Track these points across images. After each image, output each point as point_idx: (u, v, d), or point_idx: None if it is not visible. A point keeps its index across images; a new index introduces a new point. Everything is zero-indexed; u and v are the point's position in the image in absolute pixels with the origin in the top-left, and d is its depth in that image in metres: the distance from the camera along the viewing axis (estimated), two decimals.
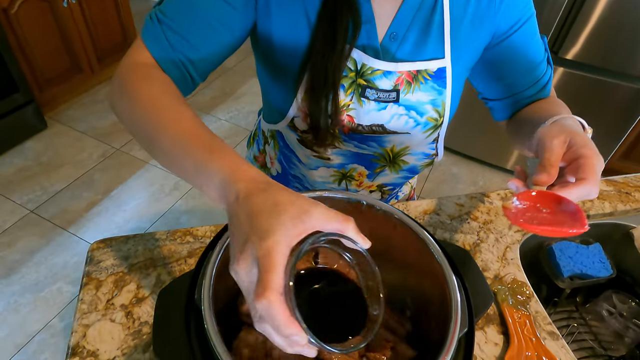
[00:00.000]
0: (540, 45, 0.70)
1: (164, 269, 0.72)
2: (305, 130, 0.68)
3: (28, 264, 1.77)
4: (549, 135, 0.51)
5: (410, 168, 0.77)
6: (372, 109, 0.64)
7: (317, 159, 0.74)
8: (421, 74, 0.64)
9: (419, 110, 0.66)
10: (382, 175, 0.77)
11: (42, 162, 2.21)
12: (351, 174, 0.76)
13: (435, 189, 2.28)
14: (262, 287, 0.31)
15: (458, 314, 0.41)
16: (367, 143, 0.69)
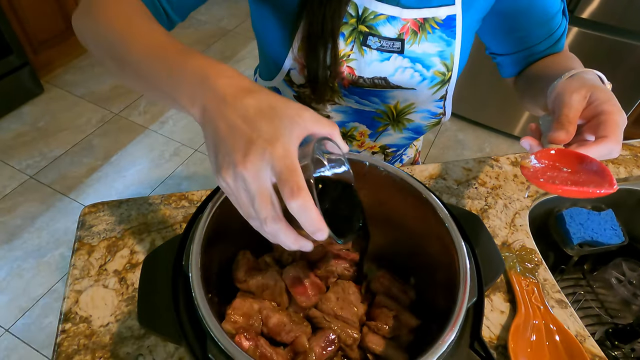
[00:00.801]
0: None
1: (159, 234, 0.69)
2: (303, 84, 0.63)
3: (30, 230, 1.76)
4: (568, 90, 0.47)
5: (415, 127, 0.72)
6: (374, 60, 0.59)
7: None
8: (428, 22, 0.59)
9: (426, 63, 0.61)
10: (385, 135, 0.73)
11: (39, 127, 2.17)
12: (352, 134, 0.72)
13: (440, 155, 2.23)
14: (294, 187, 0.30)
15: (467, 283, 0.38)
16: (369, 98, 0.65)
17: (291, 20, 0.57)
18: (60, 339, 0.57)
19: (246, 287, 0.48)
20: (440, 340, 0.35)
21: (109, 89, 2.41)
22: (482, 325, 0.38)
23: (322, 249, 0.53)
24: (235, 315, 0.45)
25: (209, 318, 0.35)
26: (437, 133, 2.34)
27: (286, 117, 0.33)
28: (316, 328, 0.48)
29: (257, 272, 0.50)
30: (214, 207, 0.42)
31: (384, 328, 0.47)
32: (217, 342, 0.34)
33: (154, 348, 0.57)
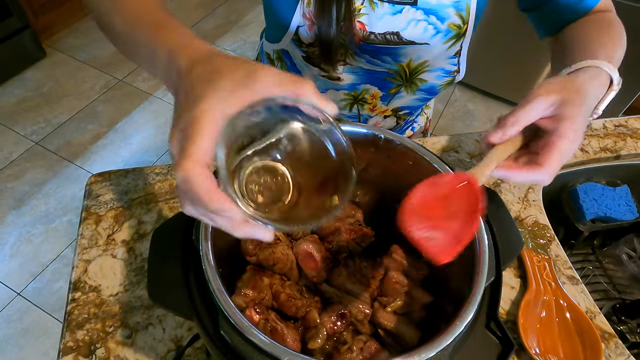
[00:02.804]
0: None
1: (166, 205, 0.69)
2: (312, 43, 0.60)
3: (37, 196, 1.77)
4: (540, 90, 0.41)
5: (428, 88, 0.69)
6: (385, 12, 0.56)
7: (326, 80, 0.67)
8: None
9: (440, 14, 0.57)
10: (397, 97, 0.70)
11: (43, 93, 2.14)
12: (363, 97, 0.69)
13: (449, 125, 2.19)
14: (180, 157, 0.27)
15: (485, 261, 0.37)
16: (381, 57, 0.61)
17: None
18: (71, 307, 0.57)
19: (256, 260, 0.48)
20: (457, 319, 0.34)
21: (111, 54, 2.36)
22: (499, 305, 0.37)
23: (333, 224, 0.52)
24: (246, 289, 0.45)
25: (220, 294, 0.34)
26: (446, 103, 2.29)
27: (227, 80, 0.29)
28: (327, 303, 0.48)
29: (267, 245, 0.49)
30: None
31: (396, 304, 0.46)
32: (229, 318, 0.33)
33: (164, 318, 0.57)
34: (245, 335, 0.32)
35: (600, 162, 0.85)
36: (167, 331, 0.56)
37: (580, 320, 0.60)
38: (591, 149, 0.85)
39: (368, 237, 0.51)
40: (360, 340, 0.44)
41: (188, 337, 0.55)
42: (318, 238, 0.52)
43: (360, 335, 0.46)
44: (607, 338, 0.60)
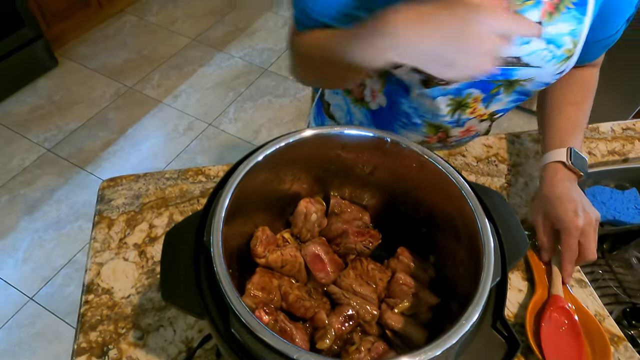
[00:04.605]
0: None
1: (176, 209, 0.70)
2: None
3: (49, 202, 1.80)
4: (532, 214, 0.66)
5: (524, 90, 0.71)
6: (515, 44, 0.59)
7: (434, 88, 0.68)
8: (563, 3, 0.57)
9: (558, 42, 0.60)
10: (496, 100, 0.71)
11: (55, 101, 2.18)
12: (466, 102, 0.71)
13: None
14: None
15: (491, 262, 0.38)
16: (496, 77, 0.64)
17: None
18: (84, 309, 0.59)
19: (265, 262, 0.49)
20: (462, 319, 0.35)
21: (121, 62, 2.40)
22: (505, 305, 0.37)
23: (341, 226, 0.52)
24: (255, 290, 0.46)
25: (231, 293, 0.35)
26: None
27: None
28: (335, 304, 0.48)
29: (276, 248, 0.50)
30: (234, 183, 0.42)
31: (403, 305, 0.47)
32: (240, 317, 0.34)
33: (175, 320, 0.58)
34: (257, 333, 0.33)
35: (608, 166, 0.85)
36: (177, 333, 0.57)
37: (589, 323, 0.60)
38: (599, 152, 0.85)
39: (375, 239, 0.52)
40: (368, 340, 0.44)
41: (198, 338, 0.56)
42: (326, 240, 0.53)
43: (368, 336, 0.46)
44: (616, 341, 0.60)
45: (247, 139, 2.09)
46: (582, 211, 0.59)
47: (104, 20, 2.63)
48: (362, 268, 0.50)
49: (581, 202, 0.60)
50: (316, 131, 0.47)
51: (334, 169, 0.53)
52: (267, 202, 0.51)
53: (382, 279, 0.50)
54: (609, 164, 0.85)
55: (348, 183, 0.55)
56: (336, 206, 0.55)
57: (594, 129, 0.89)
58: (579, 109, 0.71)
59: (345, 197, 0.57)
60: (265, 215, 0.52)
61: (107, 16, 2.64)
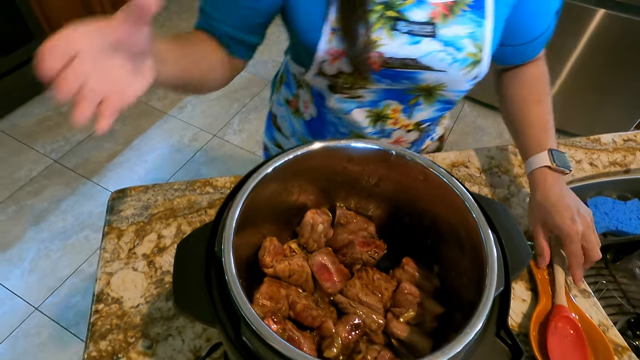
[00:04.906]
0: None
1: (184, 220, 0.71)
2: (334, 75, 0.64)
3: (55, 213, 1.81)
4: (531, 222, 0.67)
5: (446, 100, 0.72)
6: (404, 43, 0.59)
7: (349, 101, 0.70)
8: (458, 5, 0.58)
9: (457, 45, 0.60)
10: (418, 110, 0.72)
11: (62, 112, 2.21)
12: (385, 113, 0.72)
13: (459, 140, 2.21)
14: None
15: (494, 272, 0.39)
16: (400, 81, 0.64)
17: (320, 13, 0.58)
18: (94, 318, 0.60)
19: (273, 272, 0.50)
20: (466, 328, 0.36)
21: None
22: (508, 314, 0.38)
23: (347, 236, 0.53)
24: (263, 299, 0.47)
25: (242, 302, 0.36)
26: (455, 119, 2.31)
27: None
28: (341, 313, 0.49)
29: (283, 258, 0.51)
30: (244, 194, 0.43)
31: (409, 314, 0.48)
32: (251, 324, 0.35)
33: (183, 329, 0.59)
34: (267, 341, 0.34)
35: (610, 176, 0.86)
36: (186, 342, 0.58)
37: (593, 333, 0.60)
38: (600, 163, 0.86)
39: (381, 249, 0.53)
40: (374, 349, 0.45)
41: (206, 347, 0.57)
42: (332, 250, 0.54)
43: (374, 345, 0.47)
44: (620, 351, 0.60)
45: (251, 150, 2.11)
46: (578, 215, 0.60)
47: None
48: (367, 278, 0.51)
49: (575, 206, 0.61)
50: (324, 144, 0.48)
51: (340, 180, 0.54)
52: (274, 213, 0.52)
53: (387, 289, 0.51)
54: (611, 174, 0.86)
55: (354, 194, 0.57)
56: (342, 217, 0.56)
57: (596, 140, 0.90)
58: (542, 106, 0.72)
59: (351, 208, 0.58)
60: (272, 225, 0.54)
61: None
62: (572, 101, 2.13)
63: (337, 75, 0.64)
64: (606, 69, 1.96)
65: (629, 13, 1.75)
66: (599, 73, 1.98)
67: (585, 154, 0.87)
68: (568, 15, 1.87)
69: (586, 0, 1.80)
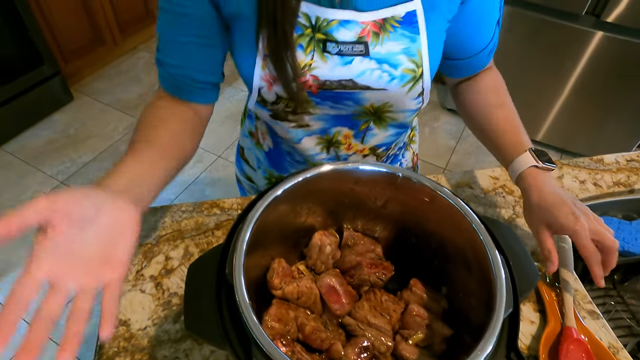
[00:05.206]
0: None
1: (192, 241, 0.72)
2: (274, 102, 0.63)
3: None
4: (533, 226, 0.63)
5: (398, 124, 0.71)
6: (337, 64, 0.59)
7: (297, 129, 0.69)
8: (388, 22, 0.57)
9: (392, 62, 0.59)
10: (370, 135, 0.71)
11: (69, 134, 2.25)
12: (337, 139, 0.71)
13: (462, 161, 2.22)
14: None
15: (503, 294, 0.39)
16: (342, 102, 0.64)
17: (252, 41, 0.58)
18: (102, 341, 0.60)
19: (281, 294, 0.50)
20: (476, 350, 0.36)
21: (135, 97, 2.48)
22: (518, 336, 0.38)
23: (355, 258, 0.54)
24: (272, 321, 0.47)
25: (253, 324, 0.36)
26: (458, 139, 2.33)
27: None
28: (350, 336, 0.49)
29: (291, 279, 0.51)
30: (254, 217, 0.44)
31: (417, 336, 0.48)
32: (262, 347, 0.35)
33: (190, 352, 0.59)
34: None
35: (614, 197, 0.86)
36: None
37: (603, 356, 0.60)
38: (604, 183, 0.86)
39: (389, 271, 0.53)
40: None
41: None
42: (340, 272, 0.54)
43: None
44: None
45: None
46: (578, 210, 0.58)
47: (119, 57, 2.73)
48: (375, 299, 0.51)
49: (571, 200, 0.59)
50: (333, 167, 0.49)
51: (347, 202, 0.55)
52: (283, 234, 0.53)
53: (395, 311, 0.51)
54: (615, 194, 0.86)
55: (360, 216, 0.57)
56: (349, 238, 0.57)
57: (599, 160, 0.91)
58: (507, 109, 0.71)
59: (358, 229, 0.59)
60: (280, 247, 0.54)
61: (121, 53, 2.74)
62: (574, 121, 2.15)
63: (277, 101, 0.63)
64: (607, 89, 1.98)
65: (627, 35, 1.79)
66: (600, 93, 2.00)
67: (589, 174, 0.88)
68: (566, 38, 1.90)
69: (584, 23, 1.84)
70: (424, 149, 2.27)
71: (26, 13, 2.01)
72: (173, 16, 0.58)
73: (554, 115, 2.18)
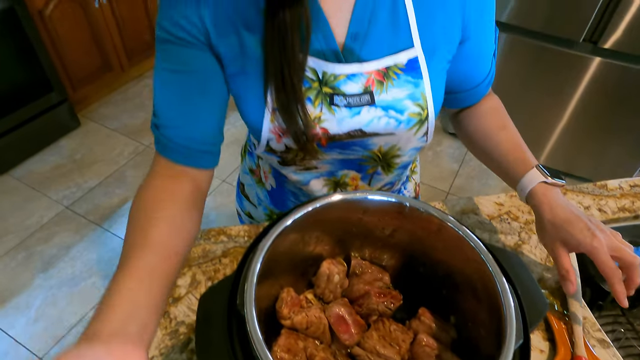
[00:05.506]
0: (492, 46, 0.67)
1: (199, 269, 0.72)
2: (284, 151, 0.64)
3: (64, 259, 1.82)
4: (547, 245, 0.61)
5: (404, 164, 0.72)
6: (345, 116, 0.60)
7: (305, 173, 0.70)
8: (391, 70, 0.58)
9: (398, 108, 0.60)
10: (376, 178, 0.73)
11: (76, 160, 2.27)
12: (344, 181, 0.72)
13: (465, 184, 2.23)
14: None
15: (513, 325, 0.39)
16: (351, 148, 0.65)
17: (259, 95, 0.59)
18: None
19: (290, 324, 0.50)
20: None
21: (141, 122, 2.52)
22: None
23: (363, 287, 0.54)
24: (281, 352, 0.47)
25: (264, 355, 0.36)
26: (461, 163, 2.34)
27: None
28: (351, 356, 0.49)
29: (300, 309, 0.51)
30: (265, 247, 0.44)
31: None
32: None
33: None
34: None
35: (620, 222, 0.86)
36: None
37: None
38: (609, 209, 0.87)
39: (397, 300, 0.53)
40: None
41: None
42: (348, 301, 0.54)
43: None
44: None
45: None
46: (593, 225, 0.56)
47: (125, 83, 2.79)
48: (384, 329, 0.51)
49: (585, 216, 0.58)
50: (342, 196, 0.50)
51: (355, 231, 0.55)
52: (292, 263, 0.53)
53: (404, 340, 0.50)
54: (621, 220, 0.86)
55: (368, 244, 0.58)
56: (357, 267, 0.57)
57: (603, 186, 0.92)
58: (509, 130, 0.71)
59: (366, 257, 0.59)
60: (289, 276, 0.55)
61: (128, 79, 2.80)
62: (577, 144, 2.16)
63: (286, 151, 0.64)
64: (608, 113, 2.00)
65: (625, 61, 1.82)
66: (601, 117, 2.02)
67: (594, 200, 0.88)
68: (565, 64, 1.94)
69: (581, 50, 1.87)
70: (427, 172, 2.28)
71: (38, 43, 2.07)
72: (174, 75, 0.57)
73: (556, 138, 2.20)
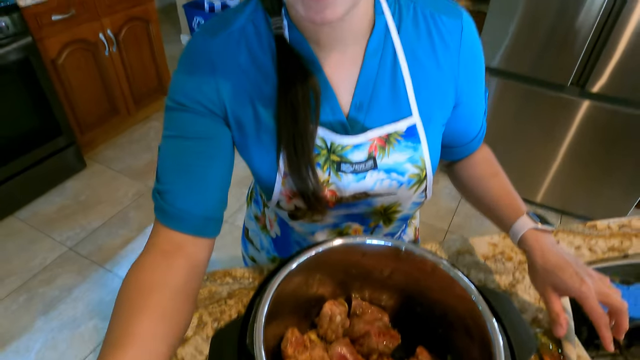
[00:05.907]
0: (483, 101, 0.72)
1: (205, 310, 0.75)
2: (293, 210, 0.69)
3: (66, 301, 1.82)
4: (539, 288, 0.63)
5: (403, 217, 0.77)
6: (351, 181, 0.65)
7: (311, 224, 0.75)
8: (392, 136, 0.63)
9: (399, 170, 0.65)
10: (378, 230, 0.78)
11: (80, 201, 2.32)
12: (347, 232, 0.77)
13: (463, 223, 2.26)
14: None
15: None
16: (355, 206, 0.70)
17: (272, 160, 0.64)
18: None
19: None
20: None
21: (144, 164, 2.58)
22: None
23: (364, 327, 0.57)
24: None
25: None
26: (459, 202, 2.38)
27: None
28: None
29: (304, 349, 0.54)
30: (272, 289, 0.48)
31: None
32: None
33: None
34: None
35: (610, 262, 0.90)
36: None
37: None
38: (599, 248, 0.90)
39: (396, 339, 0.56)
40: None
41: None
42: (350, 341, 0.57)
43: None
44: None
45: None
46: (582, 270, 0.59)
47: (131, 126, 2.88)
48: None
49: (574, 261, 0.60)
50: (343, 241, 0.54)
51: (355, 273, 0.59)
52: (296, 305, 0.57)
53: None
54: (610, 260, 0.89)
55: (368, 285, 0.61)
56: (358, 307, 0.60)
57: (592, 226, 0.95)
58: (500, 178, 0.75)
59: (365, 298, 0.62)
60: (293, 317, 0.57)
61: (134, 122, 2.89)
62: (571, 183, 2.21)
63: (295, 210, 0.69)
64: (599, 153, 2.05)
65: (614, 104, 1.89)
66: (593, 157, 2.08)
67: (584, 240, 0.92)
68: (555, 107, 2.02)
69: (570, 93, 1.96)
70: (426, 211, 2.32)
71: (50, 91, 2.16)
72: (181, 142, 0.58)
73: (550, 178, 2.25)
